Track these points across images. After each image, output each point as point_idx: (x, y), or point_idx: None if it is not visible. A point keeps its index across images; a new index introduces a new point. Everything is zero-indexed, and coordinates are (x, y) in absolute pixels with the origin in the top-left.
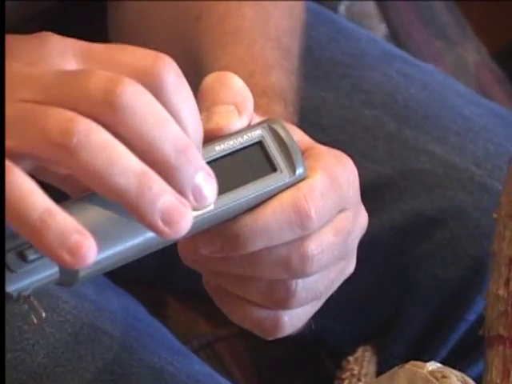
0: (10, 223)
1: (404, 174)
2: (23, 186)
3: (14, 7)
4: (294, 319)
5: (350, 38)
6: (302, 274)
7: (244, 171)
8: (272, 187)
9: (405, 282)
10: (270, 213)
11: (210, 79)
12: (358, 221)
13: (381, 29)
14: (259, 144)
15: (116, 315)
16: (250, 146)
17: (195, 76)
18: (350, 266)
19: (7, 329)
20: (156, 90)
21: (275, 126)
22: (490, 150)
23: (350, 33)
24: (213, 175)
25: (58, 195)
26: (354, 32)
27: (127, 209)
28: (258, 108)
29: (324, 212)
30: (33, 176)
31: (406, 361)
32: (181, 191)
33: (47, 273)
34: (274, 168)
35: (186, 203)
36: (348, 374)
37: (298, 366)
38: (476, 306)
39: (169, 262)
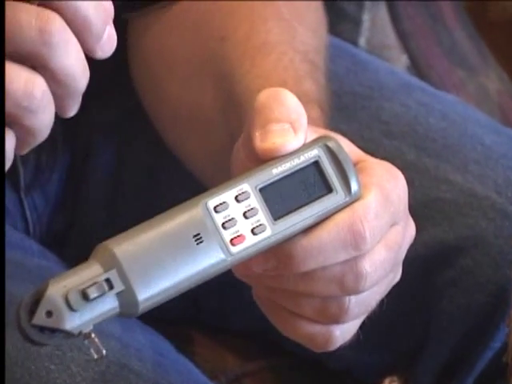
0: None
1: (425, 204)
2: None
3: None
4: (344, 333)
5: (368, 69)
6: (356, 291)
7: (301, 193)
8: (329, 208)
9: (429, 311)
10: (325, 235)
11: (263, 96)
12: (407, 233)
13: (402, 60)
14: (315, 164)
15: (142, 352)
16: (306, 166)
17: (228, 100)
18: (397, 276)
19: (34, 368)
20: None
21: (330, 144)
22: (510, 178)
23: (367, 64)
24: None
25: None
26: (372, 64)
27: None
28: None
29: (378, 232)
30: None
31: None
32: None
33: (108, 308)
34: (329, 189)
35: None
36: None
37: None
38: (501, 333)
39: (195, 300)
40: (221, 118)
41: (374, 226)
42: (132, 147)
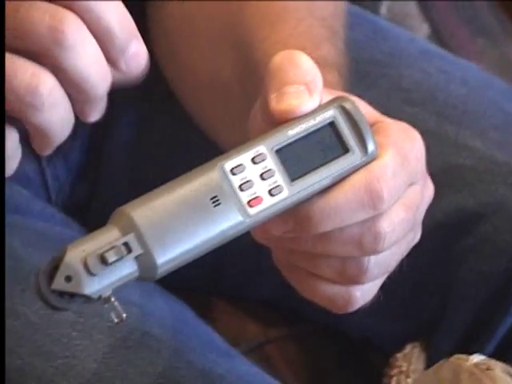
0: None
1: (445, 170)
2: None
3: None
4: (365, 294)
5: (388, 37)
6: (374, 251)
7: (317, 154)
8: (345, 169)
9: (449, 277)
10: (342, 195)
11: (278, 58)
12: (426, 193)
13: (423, 28)
14: (331, 125)
15: (163, 319)
16: (322, 127)
17: (246, 66)
18: (417, 236)
19: (56, 335)
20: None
21: (346, 105)
22: None
23: (387, 32)
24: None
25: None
26: (391, 31)
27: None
28: None
29: (395, 191)
30: None
31: None
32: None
33: (127, 272)
34: (346, 149)
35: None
36: (396, 370)
37: (347, 365)
38: None
39: (217, 266)
40: (239, 85)
41: (391, 186)
42: (153, 116)
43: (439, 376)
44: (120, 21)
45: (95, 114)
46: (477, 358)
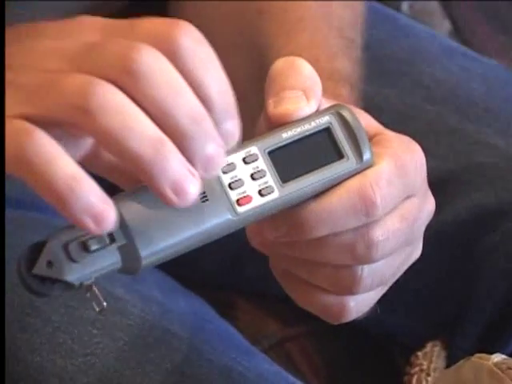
0: (34, 188)
1: (467, 168)
2: (50, 150)
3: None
4: (359, 304)
5: (410, 34)
6: (367, 260)
7: (311, 158)
8: (338, 174)
9: (471, 275)
10: (335, 199)
11: (278, 64)
12: (425, 207)
13: (444, 26)
14: (327, 130)
15: (184, 317)
16: (317, 132)
17: (261, 68)
18: (416, 252)
19: (77, 333)
20: (172, 55)
21: (343, 112)
22: None
23: (409, 29)
24: (224, 147)
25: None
26: (413, 29)
27: (139, 174)
28: (324, 91)
29: (390, 199)
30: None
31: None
32: (190, 160)
33: (109, 262)
34: (340, 155)
35: (196, 173)
36: (417, 369)
37: (367, 363)
38: None
39: (237, 264)
40: (253, 87)
41: (385, 193)
42: None
43: (460, 375)
44: (220, 91)
45: (199, 166)
46: (498, 358)
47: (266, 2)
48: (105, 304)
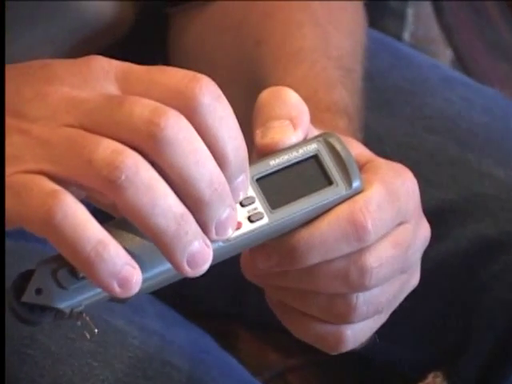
0: (61, 252)
1: (468, 199)
2: (77, 215)
3: (76, 46)
4: (356, 333)
5: (411, 64)
6: (361, 287)
7: (299, 185)
8: (328, 200)
9: (472, 306)
10: (325, 226)
11: (265, 94)
12: (419, 233)
13: (446, 54)
14: (315, 158)
15: (184, 349)
16: (305, 159)
17: None
18: (413, 279)
19: (77, 365)
20: (191, 111)
21: (331, 140)
22: None
23: (411, 59)
24: (236, 209)
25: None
26: (415, 58)
27: (158, 246)
28: (321, 123)
29: (381, 224)
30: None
31: None
32: (205, 225)
33: (99, 289)
34: (329, 181)
35: (209, 244)
36: None
37: None
38: None
39: (238, 294)
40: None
41: (376, 217)
42: None
43: None
44: (237, 149)
45: (213, 231)
46: None
47: (266, 32)
48: (96, 331)
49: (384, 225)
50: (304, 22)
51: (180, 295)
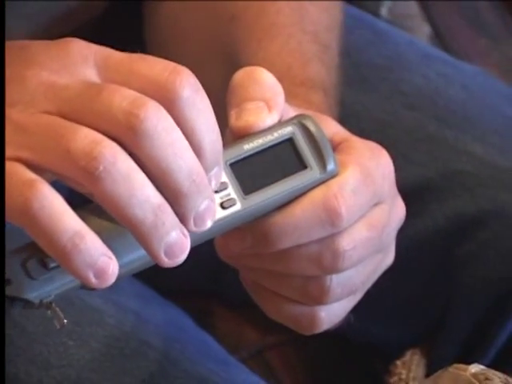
0: (38, 242)
1: (445, 176)
2: (54, 205)
3: (51, 24)
4: (330, 314)
5: (388, 40)
6: (334, 270)
7: (274, 169)
8: (302, 185)
9: (450, 283)
10: (299, 211)
11: (239, 75)
12: (395, 213)
13: (424, 29)
14: (289, 141)
15: (160, 328)
16: (279, 143)
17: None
18: (388, 259)
19: (52, 344)
20: (171, 104)
21: (306, 122)
22: None
23: (388, 36)
24: (214, 201)
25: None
26: (392, 35)
27: (136, 237)
28: (295, 98)
29: (355, 209)
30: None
31: (455, 363)
32: (184, 216)
33: (68, 279)
34: (304, 165)
35: (187, 234)
36: (396, 378)
37: (348, 372)
38: None
39: (216, 271)
40: None
41: (350, 203)
42: None
43: None
44: (213, 142)
45: (192, 222)
46: (475, 368)
47: (240, 7)
48: (65, 321)
49: (358, 209)
50: None
51: (157, 273)
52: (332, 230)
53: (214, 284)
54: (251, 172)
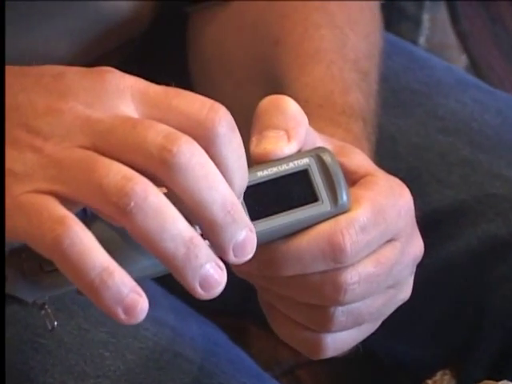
0: (67, 276)
1: (479, 199)
2: (83, 241)
3: (93, 41)
4: (337, 342)
5: (425, 66)
6: (336, 302)
7: (284, 198)
8: (310, 217)
9: (481, 304)
10: (303, 242)
11: (265, 102)
12: (409, 251)
13: (461, 60)
14: (304, 172)
15: (196, 341)
16: (294, 173)
17: None
18: (402, 294)
19: (89, 355)
20: (208, 140)
21: (323, 155)
22: None
23: (424, 62)
24: (254, 231)
25: None
26: (428, 61)
27: (170, 270)
28: (337, 126)
29: (362, 245)
30: None
31: None
32: (222, 248)
33: (64, 282)
34: (315, 198)
35: (223, 267)
36: None
37: None
38: None
39: (250, 290)
40: None
41: (356, 240)
42: None
43: None
44: (242, 178)
45: (231, 253)
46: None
47: (285, 31)
48: (55, 323)
49: (365, 246)
50: (322, 23)
51: None
52: (335, 264)
53: (248, 303)
54: (261, 199)
